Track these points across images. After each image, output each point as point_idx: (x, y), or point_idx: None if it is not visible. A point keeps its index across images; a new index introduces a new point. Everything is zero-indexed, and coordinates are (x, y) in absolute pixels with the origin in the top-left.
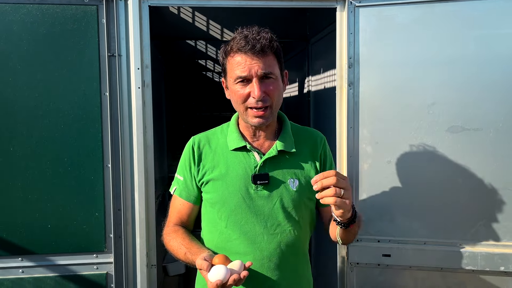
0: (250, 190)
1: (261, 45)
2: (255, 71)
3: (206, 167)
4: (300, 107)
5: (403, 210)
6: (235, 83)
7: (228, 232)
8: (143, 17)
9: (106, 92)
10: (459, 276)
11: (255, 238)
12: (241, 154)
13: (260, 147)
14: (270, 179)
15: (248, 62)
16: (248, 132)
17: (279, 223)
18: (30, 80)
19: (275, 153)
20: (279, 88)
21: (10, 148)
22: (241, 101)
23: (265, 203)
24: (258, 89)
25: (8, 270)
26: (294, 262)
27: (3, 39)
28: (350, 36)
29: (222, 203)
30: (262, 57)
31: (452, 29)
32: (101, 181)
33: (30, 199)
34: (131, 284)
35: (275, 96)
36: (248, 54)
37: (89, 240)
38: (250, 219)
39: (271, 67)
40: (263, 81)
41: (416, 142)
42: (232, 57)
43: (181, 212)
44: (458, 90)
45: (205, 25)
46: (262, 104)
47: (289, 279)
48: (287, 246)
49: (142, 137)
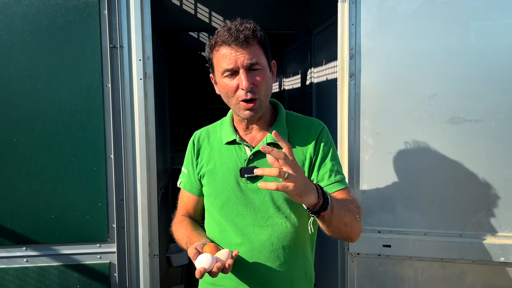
0: (240, 183)
1: (245, 36)
2: (241, 62)
3: (204, 161)
4: (303, 99)
5: (403, 201)
6: (223, 77)
7: (222, 223)
8: (144, 8)
9: (108, 84)
10: (459, 266)
11: (246, 229)
12: (233, 147)
13: (252, 139)
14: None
15: (233, 54)
16: (241, 126)
17: (270, 215)
18: (32, 72)
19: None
20: (267, 78)
21: (13, 139)
22: (231, 94)
23: (255, 196)
24: (245, 79)
25: (13, 259)
26: (286, 255)
27: (6, 31)
28: (351, 27)
29: (215, 195)
30: (247, 48)
31: (453, 20)
32: (104, 172)
33: (33, 190)
34: (134, 274)
35: (263, 87)
36: (233, 46)
37: (92, 230)
38: (241, 211)
39: (257, 57)
40: (250, 72)
41: (417, 133)
42: (217, 51)
43: (187, 204)
44: (459, 81)
45: (207, 16)
46: (251, 96)
47: (281, 271)
48: (278, 238)
49: (144, 128)
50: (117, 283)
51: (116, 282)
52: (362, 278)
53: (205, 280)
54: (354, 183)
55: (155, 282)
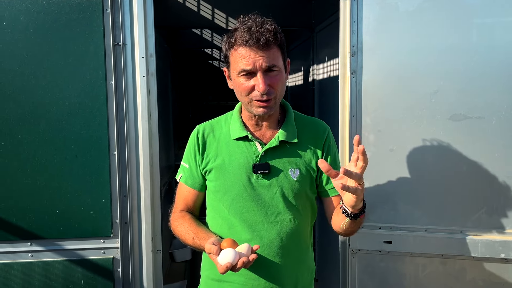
0: (251, 179)
1: (266, 39)
2: (259, 65)
3: (210, 155)
4: (305, 96)
5: (405, 198)
6: (239, 76)
7: (230, 219)
8: (147, 6)
9: (111, 81)
10: (460, 263)
11: (256, 225)
12: (243, 143)
13: (262, 136)
14: (271, 168)
15: (252, 56)
16: (251, 122)
17: (280, 211)
18: (37, 69)
19: (277, 143)
20: (283, 80)
21: (18, 136)
22: (245, 94)
23: (265, 192)
24: (263, 83)
25: (18, 254)
26: (294, 250)
27: (11, 29)
28: (353, 24)
29: (224, 191)
30: (267, 51)
31: (455, 17)
32: (107, 168)
33: (38, 186)
34: (137, 269)
35: (279, 88)
36: (253, 48)
37: (96, 226)
38: (251, 207)
39: (275, 60)
40: (267, 73)
41: (419, 130)
42: (236, 50)
43: (187, 199)
44: (460, 78)
45: (210, 14)
46: (267, 97)
47: (289, 266)
48: (287, 234)
49: (147, 125)
50: (120, 278)
51: (120, 277)
52: (363, 274)
53: (210, 277)
54: None
55: (158, 277)
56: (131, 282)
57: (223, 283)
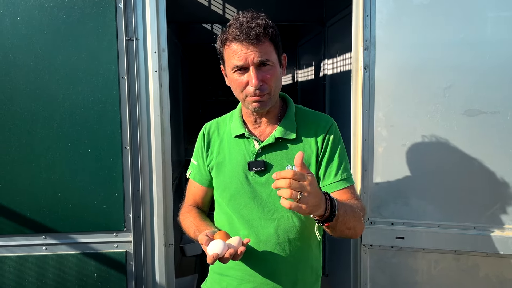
0: (248, 176)
1: (256, 33)
2: (251, 60)
3: (214, 153)
4: (316, 91)
5: (417, 193)
6: (233, 72)
7: (230, 215)
8: (159, 1)
9: (124, 76)
10: (473, 259)
11: (253, 222)
12: (242, 141)
13: (261, 133)
14: (267, 165)
15: (244, 51)
16: (250, 119)
17: (276, 209)
18: (51, 64)
19: (273, 140)
20: (277, 74)
21: (33, 130)
22: (240, 90)
23: (262, 189)
24: (255, 77)
25: (33, 247)
26: (292, 248)
27: (25, 24)
28: (366, 18)
29: (224, 187)
30: (258, 45)
31: (470, 11)
32: (120, 163)
33: (52, 180)
34: (149, 262)
35: (272, 83)
36: (244, 43)
37: (109, 220)
38: (249, 204)
39: (268, 54)
40: (260, 68)
41: (432, 125)
42: (228, 46)
43: (195, 195)
44: (475, 72)
45: (221, 8)
46: (260, 92)
47: (286, 264)
48: (284, 231)
49: (159, 119)
50: (133, 271)
51: (132, 271)
52: (375, 270)
53: (214, 270)
54: (368, 175)
55: (170, 270)
56: (143, 276)
57: (224, 277)
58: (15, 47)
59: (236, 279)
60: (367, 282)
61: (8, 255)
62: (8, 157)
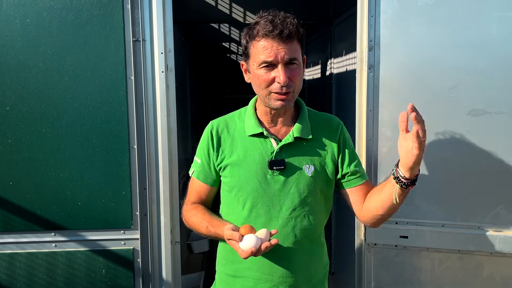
0: (266, 175)
1: (289, 31)
2: (281, 57)
3: (225, 152)
4: (322, 90)
5: (421, 193)
6: (260, 68)
7: (244, 215)
8: (166, 2)
9: (131, 76)
10: (477, 258)
11: (270, 221)
12: (258, 140)
13: (277, 132)
14: (286, 164)
15: (274, 47)
16: (266, 118)
17: (294, 207)
18: (60, 65)
19: (292, 139)
20: (301, 74)
21: (42, 130)
22: (265, 86)
23: (281, 188)
24: (283, 74)
25: (42, 244)
26: (308, 246)
27: (34, 25)
28: (371, 18)
29: (239, 187)
30: (289, 43)
31: (475, 11)
32: (128, 162)
33: (61, 178)
34: (156, 260)
35: (297, 82)
36: (275, 40)
37: (117, 217)
38: (266, 203)
39: (296, 53)
40: (288, 66)
41: (437, 125)
42: (258, 42)
43: (199, 193)
44: (480, 72)
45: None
46: (286, 90)
47: (303, 261)
48: (301, 230)
49: (166, 119)
50: (140, 268)
51: (140, 267)
52: (379, 269)
53: (226, 273)
54: (372, 174)
55: (176, 267)
56: (150, 273)
57: (238, 278)
58: (25, 49)
59: (252, 279)
60: (371, 280)
61: (19, 251)
62: (19, 156)
